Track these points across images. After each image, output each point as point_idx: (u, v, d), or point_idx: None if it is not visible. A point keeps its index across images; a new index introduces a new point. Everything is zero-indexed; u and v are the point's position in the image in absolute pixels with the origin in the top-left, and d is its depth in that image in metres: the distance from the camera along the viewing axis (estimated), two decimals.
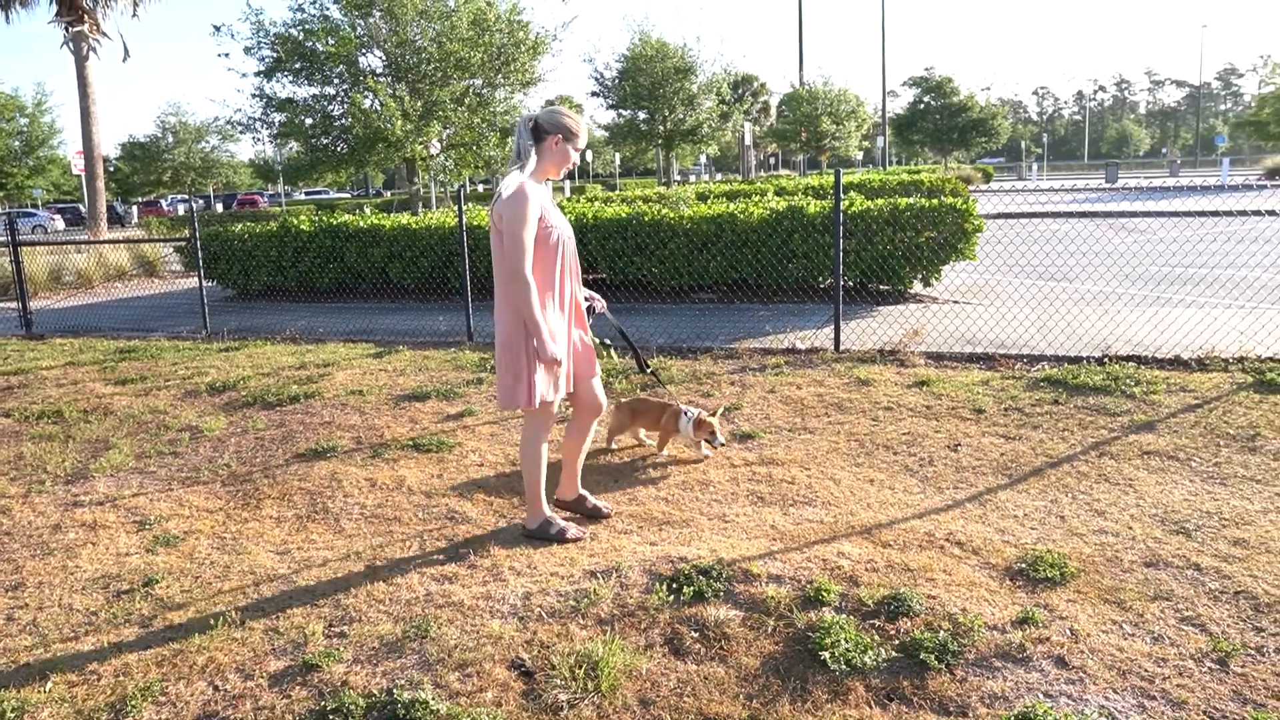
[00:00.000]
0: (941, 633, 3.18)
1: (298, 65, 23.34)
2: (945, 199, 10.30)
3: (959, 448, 5.23)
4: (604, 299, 4.59)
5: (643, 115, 41.32)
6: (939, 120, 61.45)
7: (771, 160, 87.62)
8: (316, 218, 13.46)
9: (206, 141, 53.24)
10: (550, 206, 3.96)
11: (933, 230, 10.04)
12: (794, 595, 3.50)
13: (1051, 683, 2.94)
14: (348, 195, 70.52)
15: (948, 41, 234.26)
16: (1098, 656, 3.07)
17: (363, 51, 23.90)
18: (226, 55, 43.07)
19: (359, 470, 5.30)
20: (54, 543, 4.46)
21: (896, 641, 3.17)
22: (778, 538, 4.09)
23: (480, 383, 7.19)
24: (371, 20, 22.96)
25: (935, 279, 10.56)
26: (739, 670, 3.07)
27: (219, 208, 58.31)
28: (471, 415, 6.34)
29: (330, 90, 24.18)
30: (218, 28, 23.34)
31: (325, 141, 24.20)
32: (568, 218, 11.37)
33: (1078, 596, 3.48)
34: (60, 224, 45.73)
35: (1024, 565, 3.71)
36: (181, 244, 14.60)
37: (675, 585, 3.60)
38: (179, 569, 4.07)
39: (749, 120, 53.69)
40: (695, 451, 5.29)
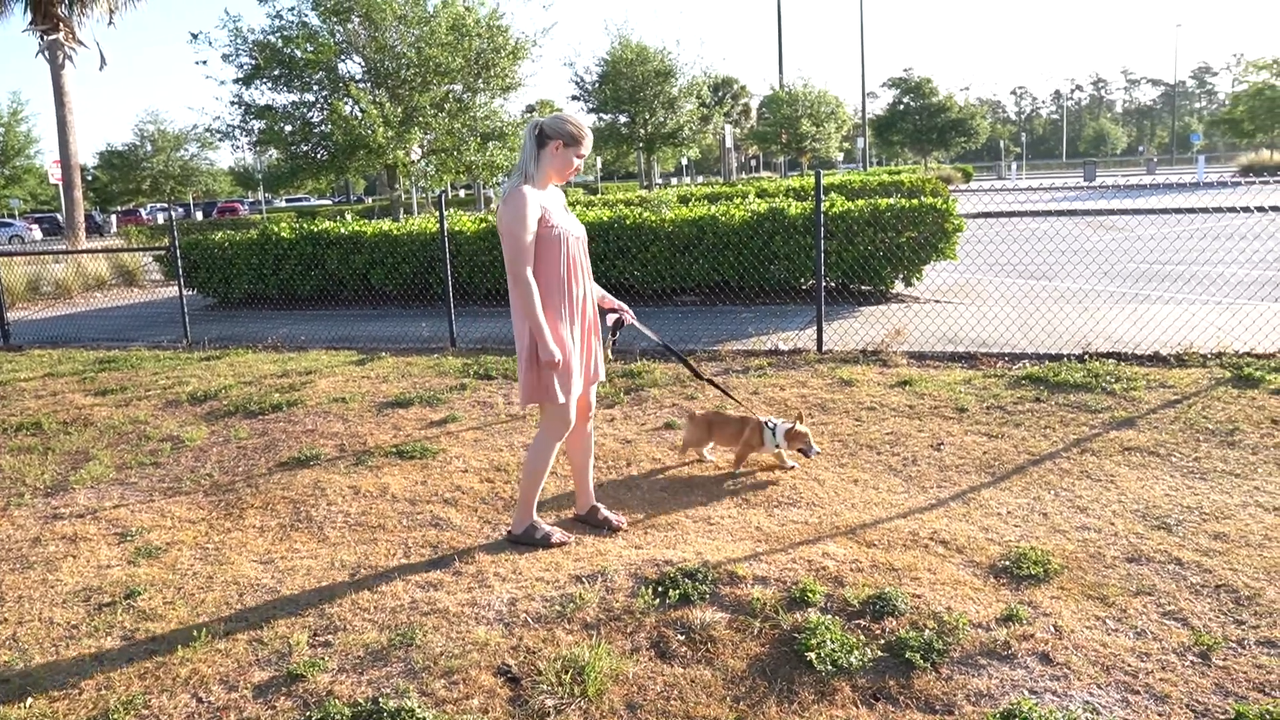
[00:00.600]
0: (927, 631, 3.20)
1: (276, 72, 23.21)
2: (925, 199, 10.35)
3: (942, 447, 5.26)
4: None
5: (623, 119, 41.34)
6: (918, 121, 61.83)
7: (753, 162, 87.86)
8: (297, 225, 13.39)
9: (185, 149, 52.90)
10: (555, 209, 3.95)
11: (913, 230, 10.09)
12: (779, 596, 3.50)
13: (1036, 680, 2.96)
14: (329, 202, 70.23)
15: (926, 42, 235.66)
16: (1082, 652, 3.09)
17: (342, 58, 23.79)
18: (204, 63, 42.65)
19: (342, 478, 5.27)
20: (34, 556, 4.42)
21: (882, 641, 3.18)
22: (763, 539, 4.10)
23: (463, 389, 7.17)
24: (350, 26, 22.87)
25: (917, 279, 10.61)
26: (725, 673, 3.07)
27: (199, 216, 57.94)
28: (455, 421, 6.32)
29: (310, 97, 24.06)
30: (195, 35, 23.20)
31: (305, 148, 24.06)
32: None
33: (1061, 593, 3.50)
34: (38, 234, 45.33)
35: (1008, 563, 3.73)
36: (161, 253, 14.51)
37: (661, 588, 3.59)
38: (161, 580, 4.04)
39: (729, 123, 53.81)
40: (775, 463, 5.01)
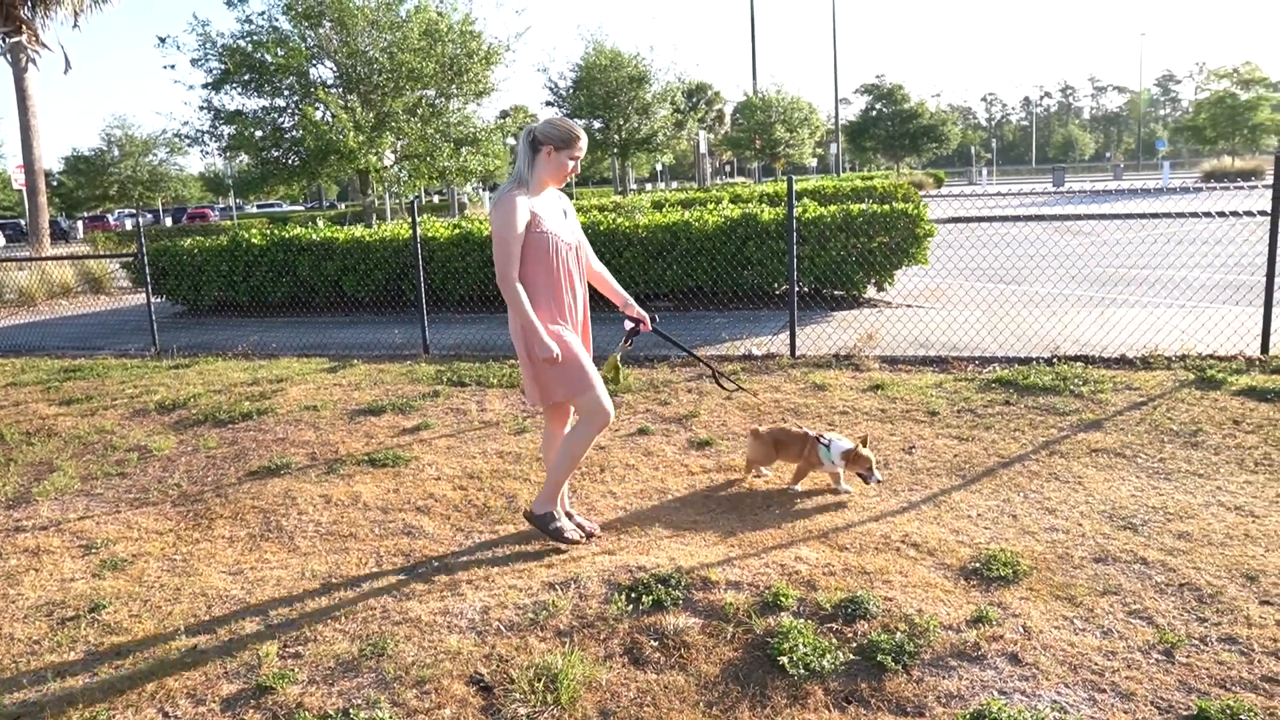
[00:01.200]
0: (898, 634, 3.22)
1: (246, 77, 23.06)
2: (897, 204, 10.44)
3: (913, 450, 5.30)
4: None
5: (597, 124, 41.41)
6: (891, 127, 62.42)
7: (727, 168, 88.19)
8: (268, 231, 13.28)
9: (154, 154, 52.32)
10: (549, 214, 3.96)
11: (885, 235, 10.17)
12: (752, 601, 3.51)
13: (1006, 680, 2.98)
14: (301, 208, 69.72)
15: (898, 50, 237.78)
16: (1050, 652, 3.12)
17: (313, 63, 23.69)
18: (173, 67, 42.29)
19: (313, 487, 5.23)
20: None
21: (854, 644, 3.20)
22: (736, 544, 4.11)
23: (436, 395, 7.14)
24: (322, 31, 22.77)
25: (889, 283, 10.69)
26: (699, 678, 3.07)
27: (168, 222, 57.34)
28: (428, 429, 6.28)
29: (280, 102, 23.93)
30: (163, 39, 23.01)
31: (276, 154, 23.93)
32: None
33: (1030, 594, 3.54)
34: (0, 240, 44.64)
35: (978, 564, 3.76)
36: (129, 259, 14.34)
37: (634, 595, 3.59)
38: (127, 593, 3.98)
39: (704, 128, 54.00)
40: (831, 483, 4.74)
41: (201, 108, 23.77)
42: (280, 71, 22.50)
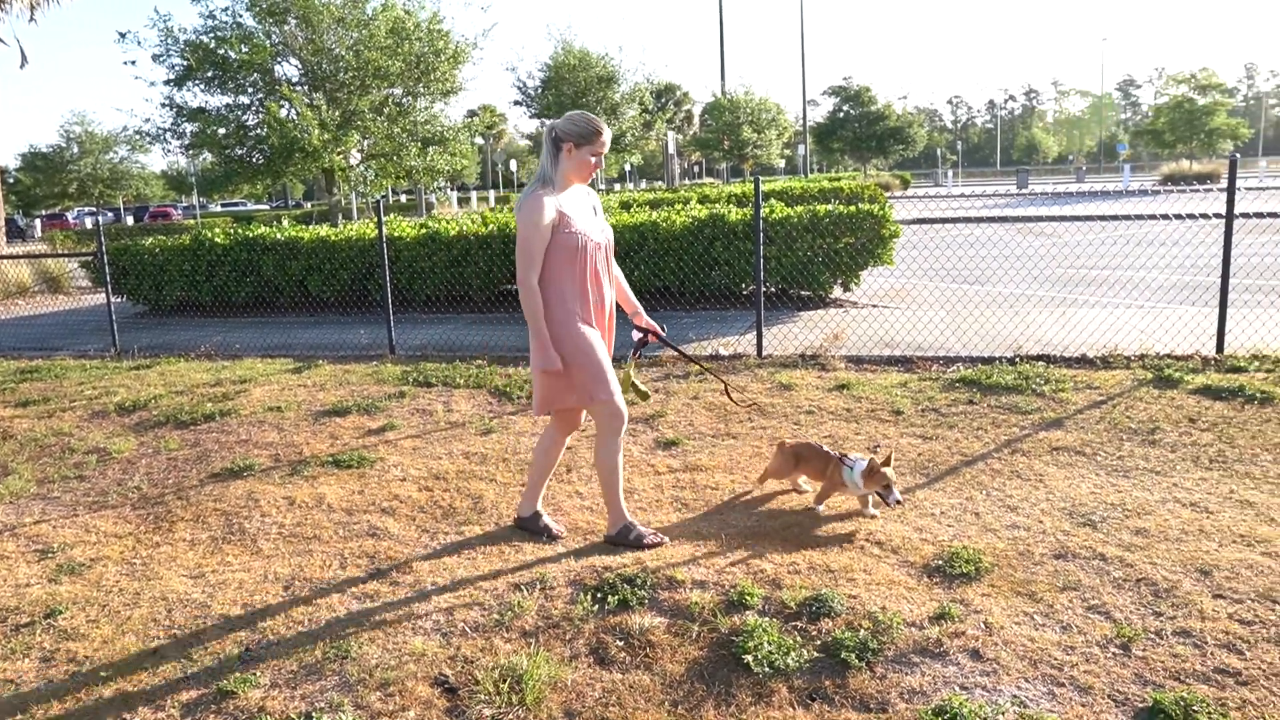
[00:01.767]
0: (862, 631, 3.24)
1: (210, 74, 22.75)
2: (863, 205, 10.52)
3: (878, 449, 5.34)
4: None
5: None
6: (858, 128, 62.89)
7: (696, 168, 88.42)
8: (232, 230, 13.12)
9: (115, 152, 51.48)
10: (578, 212, 3.89)
11: (851, 236, 10.24)
12: (718, 600, 3.53)
13: (967, 675, 3.02)
14: (266, 207, 68.96)
15: (865, 52, 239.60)
16: (1011, 648, 3.16)
17: (278, 60, 23.43)
18: (133, 63, 41.73)
19: (277, 489, 5.17)
20: None
21: (818, 642, 3.22)
22: (702, 543, 4.12)
23: (402, 396, 7.09)
24: (286, 28, 22.54)
25: (855, 284, 10.77)
26: (664, 677, 3.08)
27: (129, 220, 56.43)
28: (393, 429, 6.24)
29: (245, 99, 23.65)
30: (123, 34, 22.64)
31: (240, 152, 23.63)
32: (491, 227, 11.39)
33: (992, 590, 3.58)
34: None
35: (941, 562, 3.81)
36: (88, 258, 14.10)
37: (600, 594, 3.59)
38: (84, 598, 3.92)
39: (672, 129, 54.11)
40: (860, 506, 4.45)
41: (163, 105, 23.43)
42: (244, 68, 22.23)
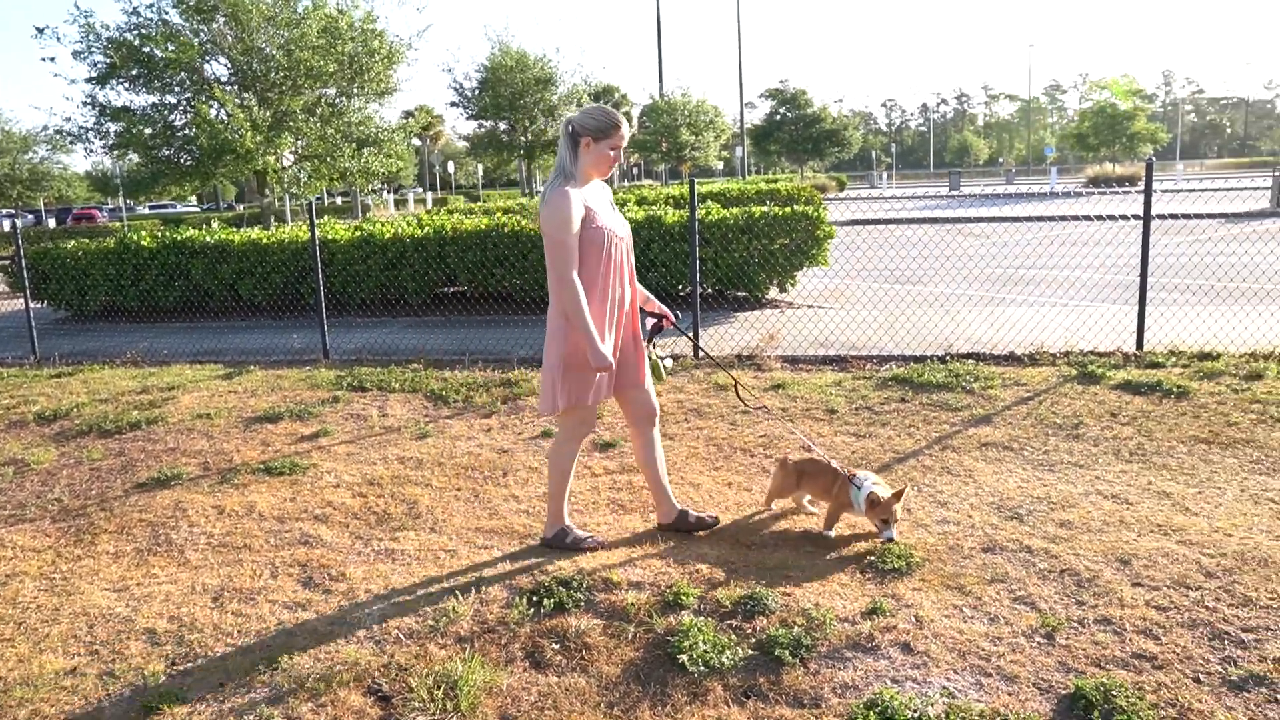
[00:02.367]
0: (796, 628, 3.28)
1: (134, 72, 22.10)
2: (798, 207, 10.65)
3: (812, 448, 5.41)
4: (469, 310, 4.46)
5: (504, 126, 41.12)
6: (794, 131, 63.66)
7: (634, 170, 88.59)
8: (160, 233, 12.78)
9: (34, 152, 49.66)
10: (601, 208, 3.83)
11: (786, 237, 10.36)
12: (654, 600, 3.54)
13: (898, 669, 3.07)
14: (197, 209, 67.27)
15: (802, 55, 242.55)
16: (940, 640, 3.23)
17: (206, 59, 22.87)
18: (52, 59, 40.26)
19: (205, 498, 5.05)
20: None
21: (753, 640, 3.25)
22: (638, 544, 4.13)
23: (336, 401, 6.98)
24: (215, 26, 22.01)
25: (791, 284, 10.90)
26: (600, 679, 3.08)
27: (51, 223, 54.56)
28: (327, 435, 6.14)
29: (171, 99, 23.03)
30: (41, 30, 21.89)
31: (167, 153, 22.99)
32: (426, 230, 11.28)
33: (923, 584, 3.65)
34: None
35: (873, 558, 3.87)
36: (4, 263, 13.61)
37: (536, 598, 3.58)
38: None
39: None
40: (874, 529, 4.11)
41: (85, 103, 22.68)
42: (171, 67, 21.63)
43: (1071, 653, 3.13)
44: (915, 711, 2.78)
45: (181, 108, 22.98)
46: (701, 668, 3.08)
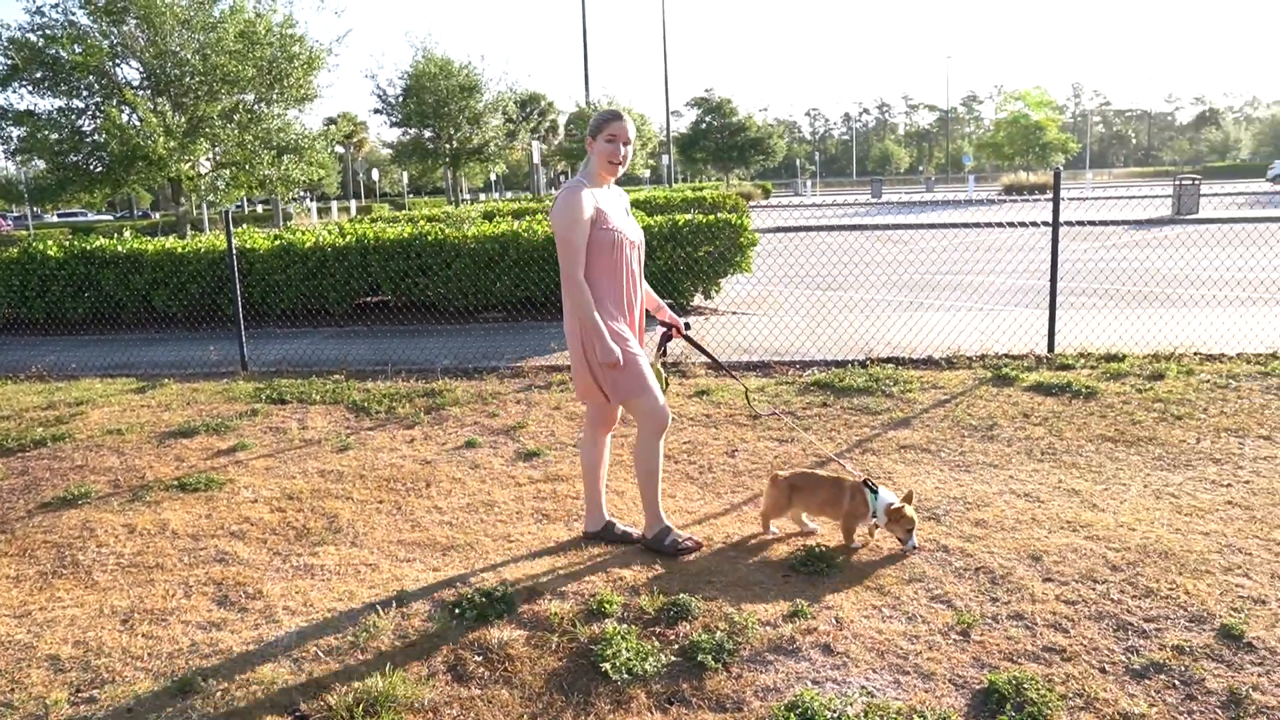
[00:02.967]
0: (718, 633, 3.31)
1: (39, 74, 21.27)
2: (722, 215, 10.76)
3: (736, 454, 5.47)
4: (392, 320, 4.39)
5: (428, 133, 40.68)
6: (720, 139, 64.31)
7: (562, 178, 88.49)
8: (68, 242, 12.31)
9: None
10: (613, 210, 3.81)
11: (710, 245, 10.46)
12: (577, 610, 3.53)
13: (819, 670, 3.12)
14: (109, 218, 64.96)
15: (727, 64, 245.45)
16: (860, 640, 3.28)
17: (116, 62, 22.13)
18: None
19: (115, 517, 4.88)
20: None
21: (676, 646, 3.27)
22: (562, 554, 4.12)
23: (255, 414, 6.81)
24: (125, 28, 21.31)
25: (715, 291, 11.00)
26: (523, 690, 3.06)
27: None
28: (245, 449, 5.99)
29: (79, 103, 22.21)
30: None
31: (76, 159, 22.15)
32: (348, 238, 11.09)
33: (843, 586, 3.71)
34: None
35: (795, 561, 3.92)
36: None
37: (459, 610, 3.54)
38: None
39: (537, 139, 53.98)
40: (900, 540, 4.02)
41: None
42: (78, 70, 20.86)
43: (985, 648, 3.21)
44: (834, 712, 2.83)
45: (90, 112, 22.17)
46: (625, 675, 3.08)
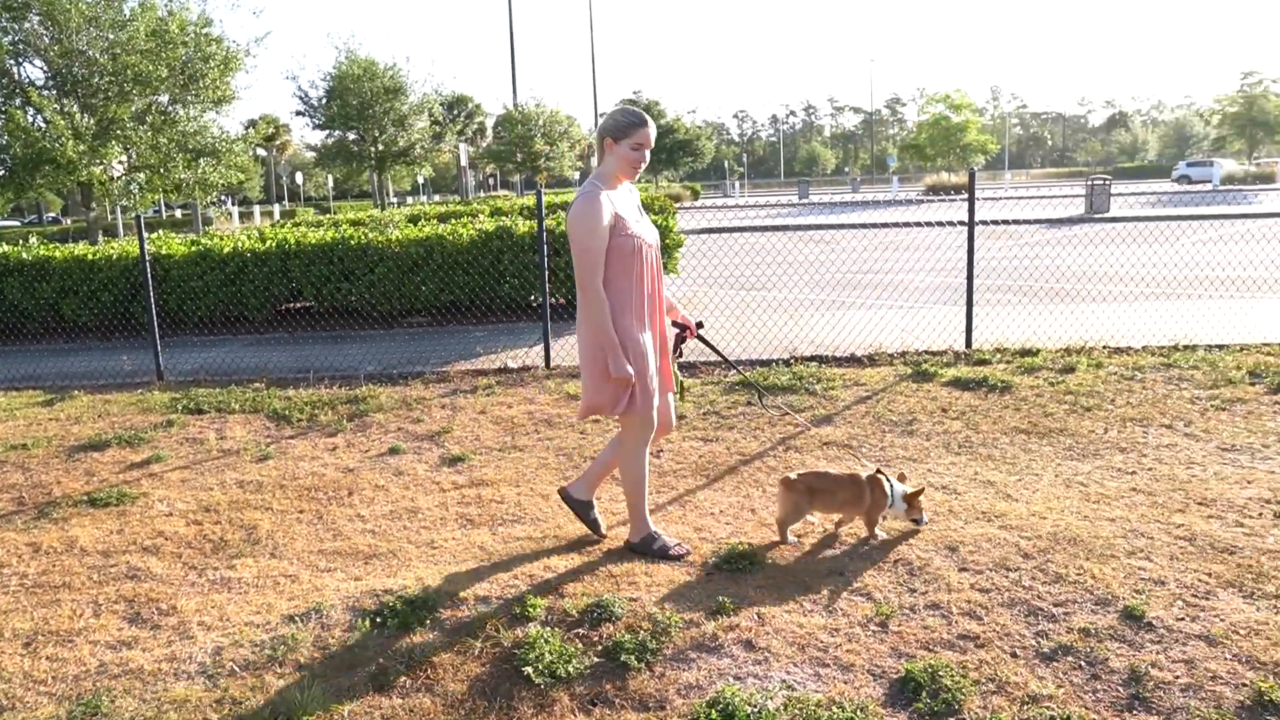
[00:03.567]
0: (642, 633, 3.32)
1: None
2: (650, 216, 10.79)
3: (661, 454, 5.49)
4: (315, 326, 4.29)
5: (353, 136, 40.02)
6: None
7: (491, 181, 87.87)
8: None
9: None
10: (630, 214, 3.73)
11: None
12: (501, 615, 3.51)
13: (741, 665, 3.15)
14: (16, 223, 62.42)
15: (655, 67, 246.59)
16: (781, 635, 3.33)
17: (19, 60, 21.30)
18: None
19: (19, 535, 4.70)
20: None
21: (600, 647, 3.27)
22: (486, 559, 4.09)
23: (170, 425, 6.62)
24: (27, 25, 20.53)
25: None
26: (445, 697, 3.03)
27: None
28: (160, 461, 5.82)
29: None
30: None
31: None
32: (269, 244, 10.85)
33: (766, 582, 3.76)
34: None
35: (719, 559, 3.95)
36: None
37: (380, 619, 3.49)
38: None
39: (464, 141, 53.51)
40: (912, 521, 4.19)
41: None
42: None
43: (903, 638, 3.29)
44: (755, 707, 2.86)
45: None
46: (548, 678, 3.07)
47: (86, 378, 8.82)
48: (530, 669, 3.10)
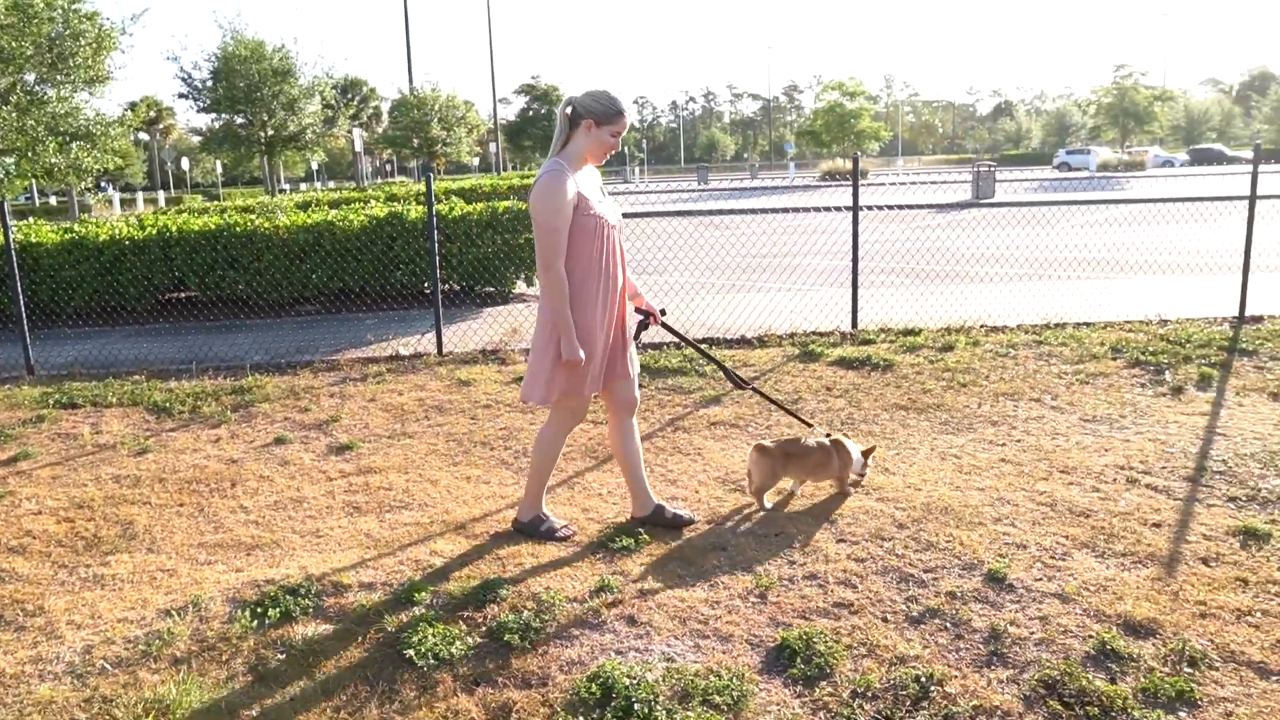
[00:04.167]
0: (525, 613, 3.36)
1: None
2: None
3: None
4: (200, 316, 4.16)
5: (240, 120, 38.58)
6: (548, 126, 64.03)
7: (388, 167, 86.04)
8: None
9: None
10: (595, 194, 3.67)
11: (531, 232, 10.45)
12: (385, 600, 3.50)
13: (623, 640, 3.22)
14: None
15: (554, 52, 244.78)
16: (663, 610, 3.41)
17: None
18: None
19: None
20: None
21: (484, 628, 3.29)
22: (372, 545, 4.06)
23: (41, 421, 6.33)
24: None
25: (538, 278, 11.00)
26: (326, 684, 3.01)
27: None
28: (28, 458, 5.56)
29: None
30: None
31: None
32: (149, 231, 10.42)
33: (650, 559, 3.83)
34: None
35: (604, 538, 4.02)
36: None
37: (261, 609, 3.44)
38: None
39: (358, 126, 52.21)
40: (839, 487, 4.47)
41: None
42: None
43: (781, 609, 3.40)
44: (635, 679, 2.93)
45: None
46: (431, 661, 3.08)
47: None
48: (413, 652, 3.10)
